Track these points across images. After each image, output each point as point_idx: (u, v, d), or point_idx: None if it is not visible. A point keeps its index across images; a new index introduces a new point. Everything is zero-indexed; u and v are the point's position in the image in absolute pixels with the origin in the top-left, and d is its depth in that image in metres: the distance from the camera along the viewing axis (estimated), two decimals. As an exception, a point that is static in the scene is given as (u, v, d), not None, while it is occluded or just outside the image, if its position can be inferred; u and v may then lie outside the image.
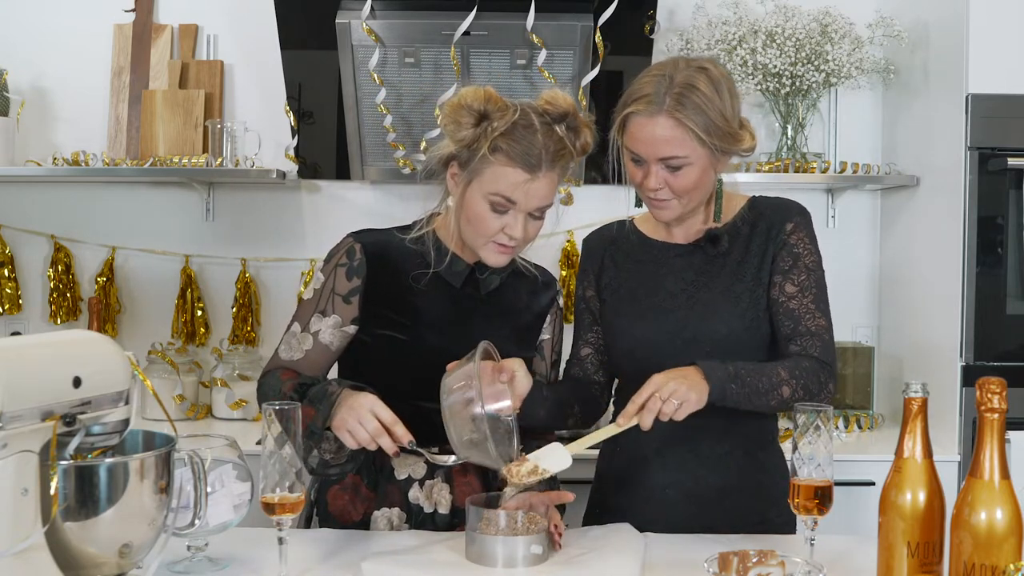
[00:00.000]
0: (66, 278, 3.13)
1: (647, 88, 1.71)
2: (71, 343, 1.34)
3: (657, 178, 1.72)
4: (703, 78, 1.69)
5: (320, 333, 1.79)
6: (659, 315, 1.81)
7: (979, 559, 1.29)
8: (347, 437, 1.59)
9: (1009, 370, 2.46)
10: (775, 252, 1.79)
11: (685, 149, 1.69)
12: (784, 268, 1.78)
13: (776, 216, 1.81)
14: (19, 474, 1.21)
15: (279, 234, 3.20)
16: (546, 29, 2.80)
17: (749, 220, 1.83)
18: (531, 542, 1.56)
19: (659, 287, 1.83)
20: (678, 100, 1.68)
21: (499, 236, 1.73)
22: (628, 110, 1.73)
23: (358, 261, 1.80)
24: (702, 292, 1.80)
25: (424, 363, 1.76)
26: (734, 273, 1.79)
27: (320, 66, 2.94)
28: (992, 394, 1.29)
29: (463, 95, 1.70)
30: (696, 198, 1.77)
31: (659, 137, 1.70)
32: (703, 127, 1.68)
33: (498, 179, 1.69)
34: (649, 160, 1.72)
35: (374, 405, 1.59)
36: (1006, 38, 2.59)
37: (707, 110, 1.68)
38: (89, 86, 3.13)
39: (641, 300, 1.84)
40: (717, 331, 1.77)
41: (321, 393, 1.65)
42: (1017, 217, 2.62)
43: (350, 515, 1.82)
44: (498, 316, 1.85)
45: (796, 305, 1.77)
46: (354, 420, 1.58)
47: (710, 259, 1.81)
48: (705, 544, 1.65)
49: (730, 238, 1.81)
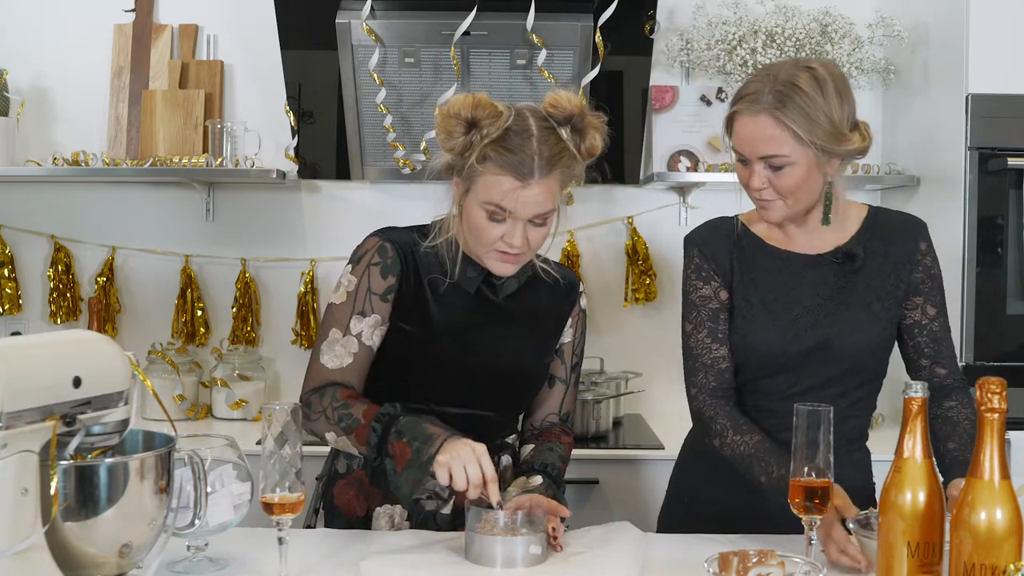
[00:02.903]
0: (66, 278, 3.13)
1: (751, 87, 1.71)
2: (71, 343, 1.34)
3: (760, 178, 1.71)
4: (806, 77, 1.67)
5: (363, 335, 1.75)
6: (797, 329, 1.78)
7: (979, 559, 1.29)
8: (445, 476, 1.56)
9: (1009, 370, 2.46)
10: (912, 273, 1.80)
11: (786, 148, 1.68)
12: (924, 290, 1.81)
13: (911, 234, 1.83)
14: (19, 474, 1.21)
15: (279, 234, 3.20)
16: (546, 29, 2.80)
17: (881, 235, 1.82)
18: (530, 542, 1.56)
19: (794, 300, 1.79)
20: (779, 99, 1.66)
21: (499, 244, 1.70)
22: (733, 109, 1.73)
23: (391, 259, 1.76)
24: (841, 308, 1.78)
25: (439, 367, 1.77)
26: (871, 289, 1.79)
27: (320, 66, 2.94)
28: (992, 394, 1.29)
29: (452, 103, 1.66)
30: (803, 199, 1.74)
31: (759, 136, 1.68)
32: (804, 126, 1.66)
33: (490, 188, 1.66)
34: (752, 159, 1.71)
35: (482, 456, 1.57)
36: (1006, 38, 2.59)
37: (808, 109, 1.66)
38: (89, 86, 3.13)
39: (777, 312, 1.79)
40: (857, 347, 1.77)
41: (419, 431, 1.60)
42: (1017, 217, 2.62)
43: (354, 510, 1.82)
44: (516, 321, 1.83)
45: (938, 327, 1.82)
46: (460, 464, 1.55)
47: (845, 274, 1.80)
48: (705, 544, 1.65)
49: (865, 253, 1.80)
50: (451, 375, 1.77)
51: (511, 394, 1.86)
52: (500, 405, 1.84)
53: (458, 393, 1.77)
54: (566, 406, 1.93)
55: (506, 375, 1.81)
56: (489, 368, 1.79)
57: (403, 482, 1.60)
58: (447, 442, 1.58)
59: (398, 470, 1.60)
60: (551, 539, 1.62)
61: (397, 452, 1.60)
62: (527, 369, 1.85)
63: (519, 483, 1.76)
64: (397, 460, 1.60)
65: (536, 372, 1.87)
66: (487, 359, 1.79)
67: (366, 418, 1.64)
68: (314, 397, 1.72)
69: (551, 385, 1.91)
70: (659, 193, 3.17)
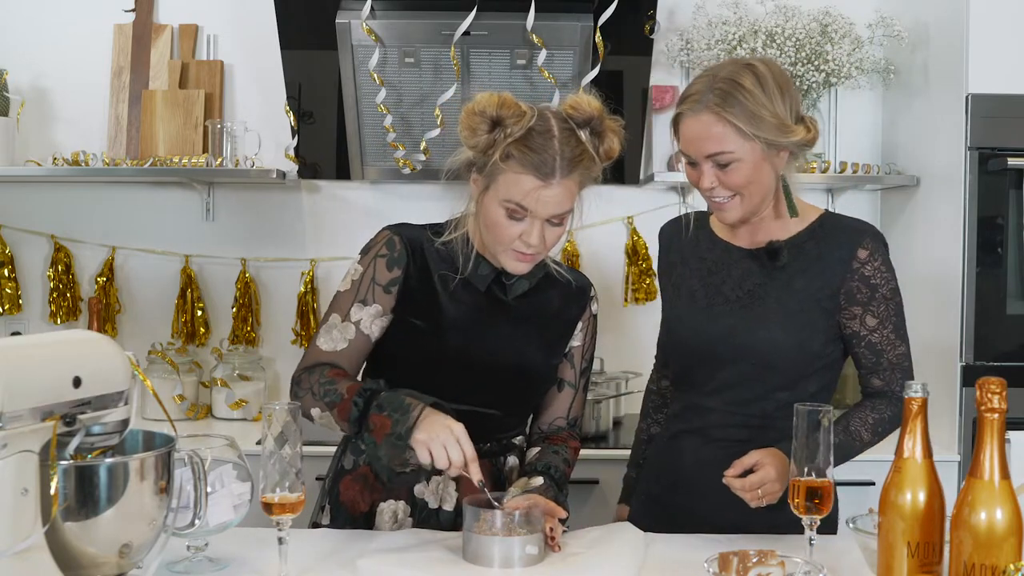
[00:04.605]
0: (66, 278, 3.13)
1: (693, 88, 1.73)
2: (71, 343, 1.34)
3: (709, 177, 1.73)
4: (748, 74, 1.70)
5: (362, 323, 1.77)
6: (712, 319, 1.81)
7: (979, 559, 1.29)
8: (425, 455, 1.58)
9: (1009, 370, 2.46)
10: (847, 281, 1.76)
11: (730, 144, 1.69)
12: (863, 300, 1.76)
13: (847, 241, 1.77)
14: (19, 474, 1.21)
15: (279, 234, 3.20)
16: (546, 29, 2.80)
17: (817, 237, 1.80)
18: (527, 542, 1.56)
19: (717, 290, 1.83)
20: (721, 96, 1.68)
21: (516, 243, 1.71)
22: (677, 111, 1.75)
23: (398, 252, 1.79)
24: (756, 303, 1.79)
25: (446, 362, 1.78)
26: (792, 289, 1.78)
27: (320, 66, 2.94)
28: (992, 394, 1.29)
29: (478, 101, 1.68)
30: (756, 195, 1.75)
31: (704, 134, 1.70)
32: (747, 121, 1.67)
33: (511, 186, 1.68)
34: (699, 159, 1.73)
35: (461, 436, 1.58)
36: (1006, 38, 2.59)
37: (750, 104, 1.67)
38: (89, 86, 3.13)
39: (698, 299, 1.84)
40: (763, 345, 1.76)
41: (397, 403, 1.63)
42: (1017, 217, 2.62)
43: (359, 506, 1.83)
44: (525, 321, 1.83)
45: (878, 338, 1.77)
46: (440, 444, 1.57)
47: (768, 271, 1.80)
48: (705, 544, 1.65)
49: (792, 253, 1.79)
50: (457, 371, 1.78)
51: (516, 393, 1.86)
52: (505, 403, 1.84)
53: (463, 389, 1.77)
54: (574, 411, 1.93)
55: (511, 374, 1.82)
56: (495, 366, 1.80)
57: (382, 454, 1.63)
58: (424, 418, 1.60)
59: (377, 442, 1.62)
60: (548, 539, 1.62)
61: (377, 425, 1.62)
62: (533, 369, 1.85)
63: (520, 483, 1.76)
64: (376, 433, 1.62)
65: (542, 373, 1.87)
66: (493, 357, 1.80)
67: (349, 393, 1.67)
68: (304, 375, 1.75)
69: (560, 389, 1.91)
70: (659, 193, 3.17)
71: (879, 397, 1.80)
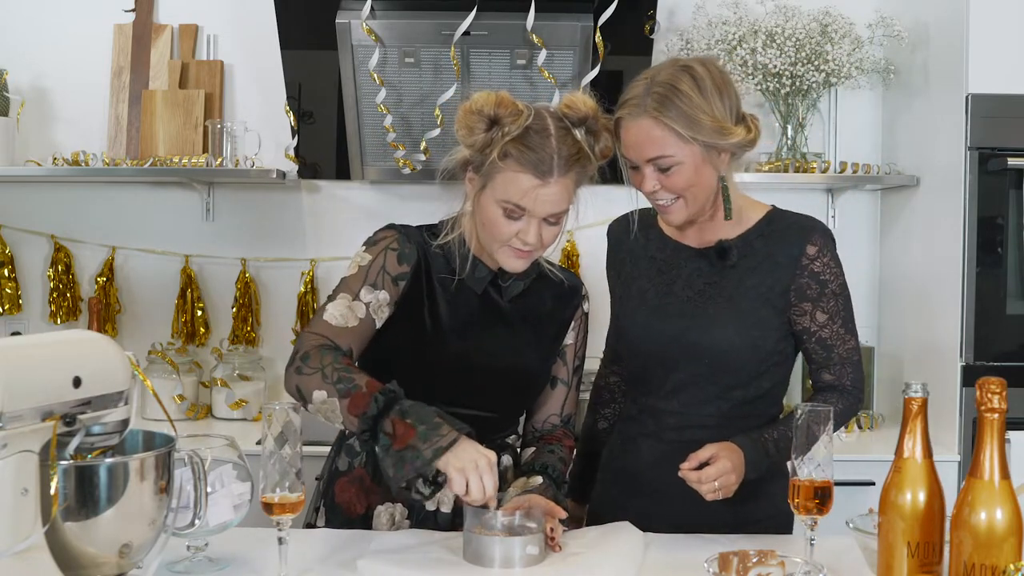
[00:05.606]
0: (66, 278, 3.13)
1: (632, 92, 1.73)
2: (71, 343, 1.34)
3: (651, 181, 1.73)
4: (685, 77, 1.70)
5: (371, 305, 1.73)
6: (664, 319, 1.81)
7: (979, 559, 1.29)
8: (462, 485, 1.52)
9: (1009, 370, 2.46)
10: (797, 278, 1.77)
11: (670, 148, 1.70)
12: (812, 296, 1.77)
13: (796, 238, 1.79)
14: (19, 474, 1.21)
15: (279, 234, 3.20)
16: (546, 29, 2.80)
17: (766, 235, 1.80)
18: (527, 543, 1.56)
19: (668, 290, 1.83)
20: (659, 101, 1.68)
21: (514, 241, 1.71)
22: (616, 116, 1.74)
23: (409, 249, 1.77)
24: (707, 303, 1.79)
25: (443, 365, 1.77)
26: (743, 287, 1.78)
27: (320, 66, 2.94)
28: (992, 394, 1.29)
29: (475, 100, 1.68)
30: (699, 196, 1.75)
31: (643, 139, 1.71)
32: (685, 125, 1.67)
33: (508, 185, 1.67)
34: (640, 163, 1.73)
35: (494, 467, 1.54)
36: (1006, 38, 2.59)
37: (687, 108, 1.67)
38: (89, 86, 3.13)
39: (649, 299, 1.84)
40: (717, 345, 1.76)
41: (425, 416, 1.55)
42: (1017, 217, 2.62)
43: (355, 508, 1.82)
44: (521, 323, 1.83)
45: (828, 334, 1.78)
46: (477, 477, 1.52)
47: (719, 270, 1.80)
48: (705, 544, 1.65)
49: (741, 252, 1.79)
50: (454, 374, 1.78)
51: (513, 395, 1.86)
52: (502, 406, 1.84)
53: (460, 392, 1.77)
54: (568, 408, 1.93)
55: (509, 376, 1.81)
56: (492, 369, 1.79)
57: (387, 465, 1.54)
58: (459, 442, 1.53)
59: (395, 448, 1.53)
60: (549, 539, 1.62)
61: (399, 431, 1.53)
62: (530, 371, 1.85)
63: (519, 483, 1.76)
64: (396, 439, 1.53)
65: (539, 374, 1.88)
66: (491, 360, 1.79)
67: (369, 388, 1.57)
68: (314, 351, 1.63)
69: (553, 387, 1.91)
70: (659, 193, 3.17)
71: (830, 391, 1.81)
